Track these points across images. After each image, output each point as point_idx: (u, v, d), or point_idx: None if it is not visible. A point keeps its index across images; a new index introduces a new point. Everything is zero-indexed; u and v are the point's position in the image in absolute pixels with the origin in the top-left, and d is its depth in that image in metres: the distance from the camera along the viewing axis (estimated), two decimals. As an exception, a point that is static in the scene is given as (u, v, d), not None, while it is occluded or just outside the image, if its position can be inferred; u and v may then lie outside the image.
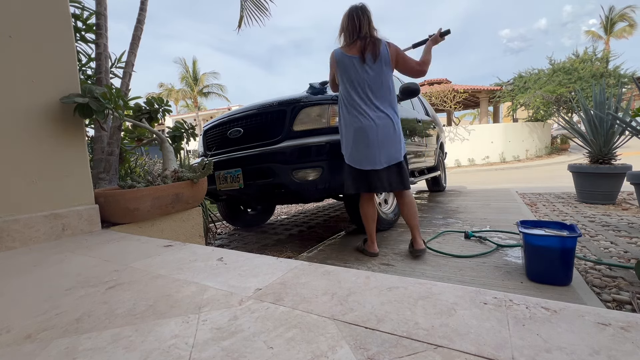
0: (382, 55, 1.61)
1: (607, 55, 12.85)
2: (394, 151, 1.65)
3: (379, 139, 1.62)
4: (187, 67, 23.28)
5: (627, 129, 2.38)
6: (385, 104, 1.64)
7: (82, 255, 1.06)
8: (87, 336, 0.55)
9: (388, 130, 1.63)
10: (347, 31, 1.67)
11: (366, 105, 1.62)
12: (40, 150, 1.33)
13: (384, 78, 1.63)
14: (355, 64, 1.62)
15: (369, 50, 1.60)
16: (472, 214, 2.73)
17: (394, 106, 1.67)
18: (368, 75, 1.61)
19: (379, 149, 1.62)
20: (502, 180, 6.64)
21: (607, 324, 0.48)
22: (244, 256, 0.94)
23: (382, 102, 1.63)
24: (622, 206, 2.69)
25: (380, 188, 1.65)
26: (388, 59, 1.63)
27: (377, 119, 1.62)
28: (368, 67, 1.61)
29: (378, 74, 1.62)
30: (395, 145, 1.64)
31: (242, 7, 3.58)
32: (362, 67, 1.61)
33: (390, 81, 1.66)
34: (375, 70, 1.61)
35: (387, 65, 1.63)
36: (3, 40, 1.25)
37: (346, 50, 1.65)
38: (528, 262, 1.34)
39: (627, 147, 3.13)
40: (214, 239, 2.71)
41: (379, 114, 1.63)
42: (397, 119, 1.67)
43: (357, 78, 1.63)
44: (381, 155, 1.63)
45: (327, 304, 0.61)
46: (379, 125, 1.62)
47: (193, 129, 2.15)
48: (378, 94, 1.63)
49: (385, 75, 1.63)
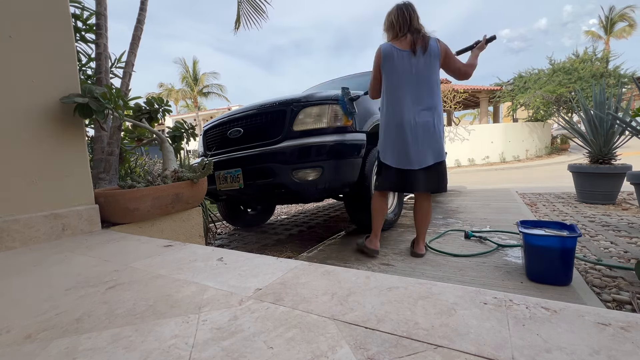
0: (432, 49, 1.59)
1: (607, 55, 12.85)
2: (432, 151, 1.61)
3: (419, 137, 1.59)
4: (187, 67, 23.30)
5: (627, 129, 2.38)
6: (429, 101, 1.61)
7: (82, 255, 1.06)
8: (87, 336, 0.55)
9: (428, 128, 1.60)
10: (397, 24, 1.64)
11: (410, 101, 1.60)
12: (40, 150, 1.33)
13: (431, 73, 1.60)
14: (404, 58, 1.59)
15: (419, 44, 1.58)
16: (472, 214, 2.73)
17: (436, 103, 1.64)
18: (416, 69, 1.59)
19: (418, 147, 1.59)
20: (502, 180, 6.64)
21: (607, 324, 0.48)
22: (244, 256, 0.94)
23: (426, 98, 1.60)
24: (622, 206, 2.69)
25: (413, 189, 1.64)
26: (438, 53, 1.60)
27: (418, 116, 1.59)
28: (417, 61, 1.58)
29: (426, 68, 1.59)
30: (434, 144, 1.61)
31: (239, 9, 3.58)
32: (411, 61, 1.58)
33: (436, 77, 1.63)
34: (424, 64, 1.59)
35: (436, 59, 1.60)
36: (3, 40, 1.25)
37: (396, 44, 1.62)
38: (528, 262, 1.34)
39: (627, 147, 3.13)
40: (214, 239, 2.71)
41: (421, 110, 1.60)
42: (438, 117, 1.63)
43: (405, 72, 1.59)
44: (419, 155, 1.60)
45: (327, 304, 0.61)
46: (419, 123, 1.59)
47: (193, 129, 2.15)
48: (423, 90, 1.60)
49: (433, 69, 1.61)
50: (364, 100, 2.20)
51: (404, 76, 1.60)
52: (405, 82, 1.60)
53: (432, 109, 1.61)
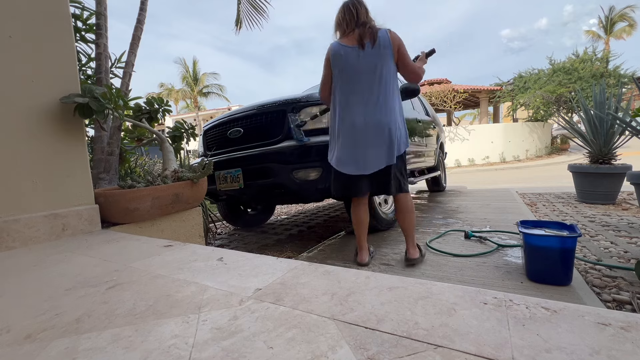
0: (382, 40, 1.45)
1: (607, 55, 12.86)
2: (385, 153, 1.48)
3: (369, 138, 1.46)
4: (187, 67, 23.31)
5: (627, 129, 2.38)
6: (381, 99, 1.47)
7: (82, 255, 1.06)
8: (87, 336, 0.55)
9: (381, 128, 1.46)
10: (343, 22, 1.53)
11: (360, 100, 1.47)
12: (40, 150, 1.33)
13: (383, 65, 1.46)
14: (352, 55, 1.47)
15: (367, 37, 1.45)
16: (472, 214, 2.73)
17: (390, 100, 1.48)
18: (366, 65, 1.45)
19: (368, 149, 1.47)
20: (502, 180, 6.64)
21: (607, 324, 0.48)
22: (244, 256, 0.94)
23: (378, 96, 1.46)
24: (622, 206, 2.69)
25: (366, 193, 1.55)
26: (389, 44, 1.45)
27: (369, 115, 1.46)
28: (366, 55, 1.45)
29: (377, 62, 1.45)
30: (388, 145, 1.47)
31: (239, 9, 3.58)
32: (359, 57, 1.45)
33: (390, 71, 1.48)
34: (374, 57, 1.45)
35: (387, 49, 1.45)
36: (3, 40, 1.25)
37: (343, 41, 1.51)
38: (528, 262, 1.34)
39: (627, 147, 3.13)
40: (214, 239, 2.71)
41: (373, 109, 1.47)
42: (394, 114, 1.49)
43: (353, 70, 1.47)
44: (370, 157, 1.47)
45: (327, 304, 0.61)
46: (369, 124, 1.46)
47: (193, 129, 2.15)
48: (374, 87, 1.46)
49: (385, 62, 1.46)
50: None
51: (353, 74, 1.48)
52: (355, 80, 1.48)
53: (385, 107, 1.47)
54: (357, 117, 1.47)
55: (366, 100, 1.47)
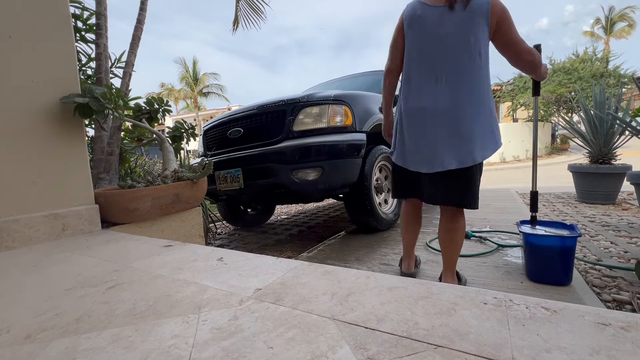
0: (478, 4, 1.08)
1: (607, 55, 12.86)
2: (465, 149, 1.12)
3: (438, 128, 1.13)
4: (187, 67, 23.32)
5: (627, 129, 2.38)
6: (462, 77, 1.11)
7: (82, 255, 1.06)
8: (87, 336, 0.55)
9: (460, 114, 1.11)
10: None
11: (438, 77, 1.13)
12: (40, 150, 1.33)
13: (477, 37, 1.09)
14: (435, 16, 1.12)
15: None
16: (472, 214, 2.72)
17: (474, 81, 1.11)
18: (447, 31, 1.11)
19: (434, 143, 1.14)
20: (502, 180, 6.63)
21: (607, 324, 0.48)
22: (244, 256, 0.94)
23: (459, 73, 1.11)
24: (622, 206, 2.69)
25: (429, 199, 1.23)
26: (487, 10, 1.07)
27: (448, 101, 1.12)
28: (451, 20, 1.10)
29: (468, 29, 1.09)
30: (469, 139, 1.11)
31: (237, 9, 3.58)
32: (445, 20, 1.11)
33: (481, 43, 1.10)
34: (460, 24, 1.09)
35: (482, 18, 1.08)
36: (3, 40, 1.25)
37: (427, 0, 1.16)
38: (528, 262, 1.34)
39: (627, 147, 3.13)
40: (214, 239, 2.71)
41: (454, 93, 1.11)
42: (482, 101, 1.12)
43: (431, 36, 1.13)
44: (435, 153, 1.14)
45: (327, 304, 0.61)
46: (448, 112, 1.12)
47: (193, 129, 2.15)
48: (455, 60, 1.11)
49: (474, 32, 1.08)
50: (364, 99, 2.20)
51: (429, 42, 1.14)
52: (430, 50, 1.14)
53: (465, 89, 1.11)
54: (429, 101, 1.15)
55: (445, 81, 1.13)
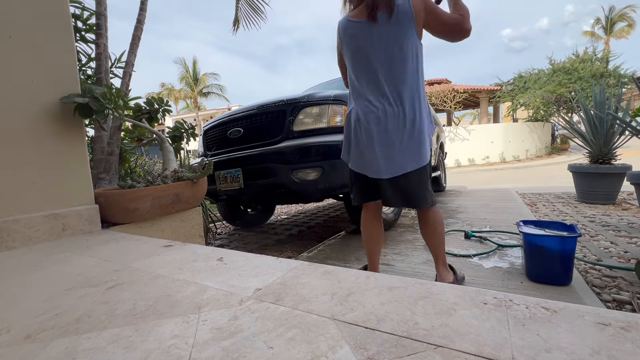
0: (401, 9, 1.10)
1: (607, 55, 12.86)
2: (408, 154, 1.15)
3: (387, 135, 1.15)
4: (187, 68, 23.32)
5: (627, 129, 2.38)
6: (400, 83, 1.14)
7: (82, 255, 1.06)
8: (87, 336, 0.55)
9: (400, 122, 1.14)
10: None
11: (374, 86, 1.17)
12: (40, 150, 1.33)
13: (405, 44, 1.12)
14: (363, 30, 1.16)
15: (381, 7, 1.11)
16: (472, 214, 2.73)
17: (413, 84, 1.15)
18: (379, 42, 1.14)
19: (385, 149, 1.16)
20: (502, 180, 6.63)
21: (607, 324, 0.48)
22: (244, 256, 0.94)
23: (397, 80, 1.14)
24: (622, 206, 2.69)
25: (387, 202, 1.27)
26: (410, 12, 1.10)
27: (387, 106, 1.14)
28: (380, 31, 1.13)
29: (395, 38, 1.12)
30: (411, 145, 1.15)
31: (237, 9, 3.58)
32: (372, 33, 1.14)
33: (413, 47, 1.14)
34: (391, 32, 1.12)
35: (409, 21, 1.11)
36: (3, 40, 1.25)
37: (352, 14, 1.21)
38: (528, 262, 1.34)
39: (627, 147, 3.13)
40: (214, 239, 2.71)
41: (391, 98, 1.14)
42: (419, 107, 1.15)
43: (365, 49, 1.17)
44: (387, 159, 1.16)
45: (327, 304, 0.61)
46: (389, 115, 1.14)
47: (193, 129, 2.15)
48: (393, 69, 1.14)
49: (405, 37, 1.12)
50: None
51: (363, 55, 1.18)
52: (367, 62, 1.17)
53: (406, 94, 1.14)
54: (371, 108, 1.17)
55: (383, 88, 1.16)
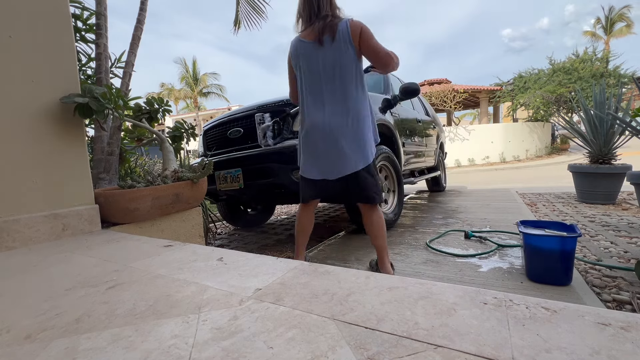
0: (341, 33, 1.31)
1: (607, 55, 12.86)
2: (352, 158, 1.34)
3: (332, 141, 1.34)
4: (187, 67, 23.31)
5: (627, 129, 2.38)
6: (341, 101, 1.34)
7: (82, 255, 1.06)
8: (87, 336, 0.55)
9: (344, 129, 1.33)
10: (304, 13, 1.39)
11: (321, 101, 1.36)
12: (40, 150, 1.33)
13: (345, 61, 1.32)
14: (312, 51, 1.35)
15: (327, 31, 1.31)
16: (472, 214, 2.73)
17: (354, 103, 1.34)
18: (327, 63, 1.33)
19: (331, 154, 1.35)
20: (502, 180, 6.63)
21: (607, 324, 0.48)
22: (244, 256, 0.94)
23: (340, 97, 1.34)
24: (622, 206, 2.69)
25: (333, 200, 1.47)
26: (348, 36, 1.30)
27: (332, 116, 1.33)
28: (326, 52, 1.33)
29: (337, 58, 1.32)
30: (355, 149, 1.34)
31: (238, 8, 3.58)
32: (319, 53, 1.34)
33: (353, 65, 1.34)
34: (334, 52, 1.32)
35: (348, 43, 1.31)
36: (3, 40, 1.25)
37: (303, 35, 1.39)
38: (528, 262, 1.34)
39: (627, 147, 3.13)
40: (214, 239, 2.71)
41: (335, 108, 1.33)
42: (362, 115, 1.35)
43: (313, 67, 1.36)
44: (334, 163, 1.35)
45: (327, 304, 0.61)
46: (333, 124, 1.33)
47: (193, 129, 2.15)
48: (337, 84, 1.33)
49: (346, 59, 1.32)
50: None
51: (311, 74, 1.37)
52: (316, 79, 1.37)
53: (351, 104, 1.34)
54: (318, 120, 1.36)
55: (328, 102, 1.35)
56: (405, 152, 2.80)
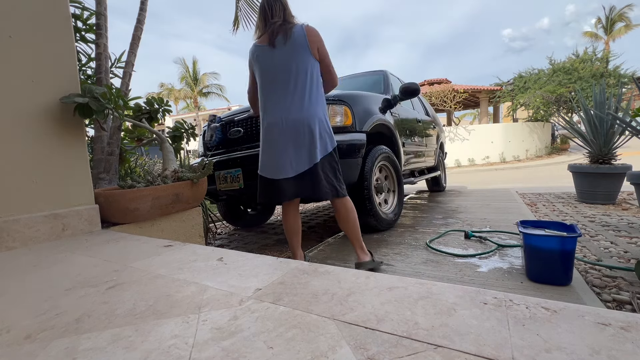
0: (296, 36, 1.38)
1: (607, 55, 12.86)
2: (308, 153, 1.38)
3: (288, 139, 1.38)
4: (187, 67, 23.31)
5: (627, 129, 2.38)
6: (300, 96, 1.38)
7: (82, 255, 1.06)
8: (87, 336, 0.55)
9: (300, 128, 1.37)
10: (260, 22, 1.47)
11: (276, 100, 1.40)
12: (40, 150, 1.33)
13: (299, 63, 1.38)
14: (265, 53, 1.42)
15: (280, 33, 1.38)
16: (472, 214, 2.73)
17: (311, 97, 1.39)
18: (280, 63, 1.39)
19: (289, 151, 1.38)
20: (502, 180, 6.63)
21: (607, 324, 0.48)
22: (244, 256, 0.94)
23: (296, 93, 1.38)
24: (622, 206, 2.69)
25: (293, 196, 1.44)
26: (304, 40, 1.38)
27: (286, 115, 1.38)
28: (280, 53, 1.39)
29: (291, 58, 1.38)
30: (311, 145, 1.38)
31: (237, 8, 3.59)
32: (274, 56, 1.40)
33: (307, 66, 1.39)
34: (287, 53, 1.38)
35: (303, 47, 1.38)
36: (3, 40, 1.25)
37: (259, 41, 1.46)
38: (528, 262, 1.34)
39: (627, 147, 3.13)
40: (214, 239, 2.70)
41: (290, 108, 1.38)
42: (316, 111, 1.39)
43: (269, 69, 1.42)
44: (292, 160, 1.38)
45: (327, 304, 0.61)
46: (289, 122, 1.37)
47: (193, 129, 2.15)
48: (290, 85, 1.38)
49: (300, 58, 1.38)
50: (364, 99, 2.20)
51: (267, 74, 1.43)
52: (271, 80, 1.42)
53: (304, 105, 1.38)
54: (275, 118, 1.40)
55: (283, 100, 1.39)
56: (405, 152, 2.80)
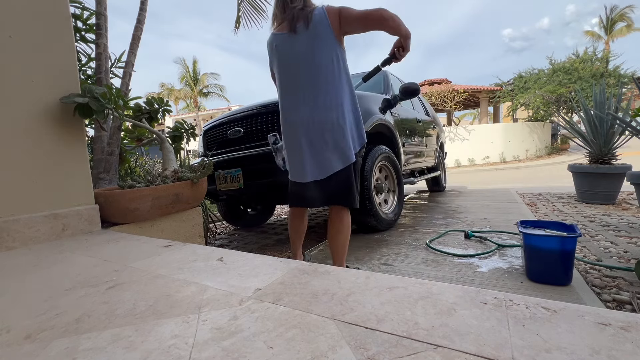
0: (317, 18, 1.21)
1: (607, 56, 12.86)
2: (332, 158, 1.23)
3: (310, 140, 1.24)
4: (187, 67, 23.32)
5: (627, 129, 2.38)
6: (324, 90, 1.22)
7: (82, 255, 1.06)
8: (87, 336, 0.55)
9: (324, 127, 1.22)
10: (277, 10, 1.32)
11: (297, 94, 1.26)
12: (40, 150, 1.33)
13: (324, 51, 1.22)
14: (285, 42, 1.27)
15: (300, 19, 1.23)
16: (472, 214, 2.73)
17: (337, 92, 1.23)
18: (301, 52, 1.23)
19: (310, 154, 1.25)
20: (502, 180, 6.63)
21: (607, 324, 0.48)
22: (244, 256, 0.94)
23: (319, 87, 1.22)
24: (622, 206, 2.69)
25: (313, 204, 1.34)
26: (326, 20, 1.21)
27: (311, 112, 1.22)
28: (300, 40, 1.23)
29: (314, 46, 1.22)
30: (336, 148, 1.23)
31: (239, 8, 3.59)
32: (294, 43, 1.24)
33: (333, 55, 1.23)
34: (310, 40, 1.22)
35: (326, 28, 1.21)
36: (3, 40, 1.25)
37: (277, 30, 1.32)
38: (528, 262, 1.34)
39: (627, 147, 3.13)
40: (214, 239, 2.70)
41: (315, 103, 1.22)
42: (342, 109, 1.23)
43: (289, 59, 1.27)
44: (312, 163, 1.26)
45: (327, 304, 0.61)
46: (314, 122, 1.22)
47: (193, 129, 2.15)
48: (314, 77, 1.22)
49: (325, 45, 1.22)
50: (364, 99, 2.20)
51: (287, 67, 1.28)
52: (291, 72, 1.27)
53: (329, 102, 1.22)
54: (296, 116, 1.26)
55: (305, 95, 1.24)
56: (405, 152, 2.80)
